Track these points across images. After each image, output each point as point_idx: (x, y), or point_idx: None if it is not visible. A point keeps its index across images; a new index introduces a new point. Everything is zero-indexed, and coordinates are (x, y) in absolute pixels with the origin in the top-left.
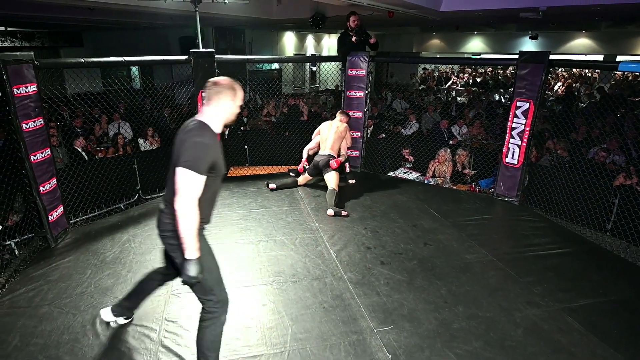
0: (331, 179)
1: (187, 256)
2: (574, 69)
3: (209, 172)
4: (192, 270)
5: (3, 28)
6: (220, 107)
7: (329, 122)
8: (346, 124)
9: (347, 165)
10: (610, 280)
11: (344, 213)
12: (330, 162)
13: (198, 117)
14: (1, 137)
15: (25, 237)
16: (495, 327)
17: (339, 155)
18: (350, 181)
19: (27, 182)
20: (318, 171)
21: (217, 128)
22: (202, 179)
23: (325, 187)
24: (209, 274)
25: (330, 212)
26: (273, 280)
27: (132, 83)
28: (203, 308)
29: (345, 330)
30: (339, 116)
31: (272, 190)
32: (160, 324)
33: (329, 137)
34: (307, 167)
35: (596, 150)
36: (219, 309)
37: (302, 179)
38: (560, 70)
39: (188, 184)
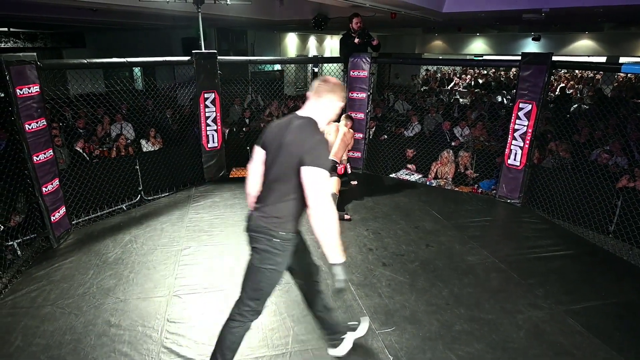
0: (332, 184)
1: (332, 261)
2: (576, 71)
3: None
4: (341, 274)
5: (6, 29)
6: (329, 105)
7: (334, 124)
8: (352, 130)
9: (348, 166)
10: (613, 283)
11: (346, 217)
12: (338, 167)
13: (303, 113)
14: (4, 138)
15: (28, 237)
16: (497, 329)
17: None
18: (352, 182)
19: (30, 183)
20: None
21: (323, 125)
22: (327, 176)
23: None
24: (269, 285)
25: None
26: None
27: (134, 84)
28: (238, 308)
29: None
30: (344, 121)
31: None
32: (162, 325)
33: (335, 143)
34: None
35: (599, 152)
36: (252, 316)
37: None
38: (563, 71)
39: (322, 183)
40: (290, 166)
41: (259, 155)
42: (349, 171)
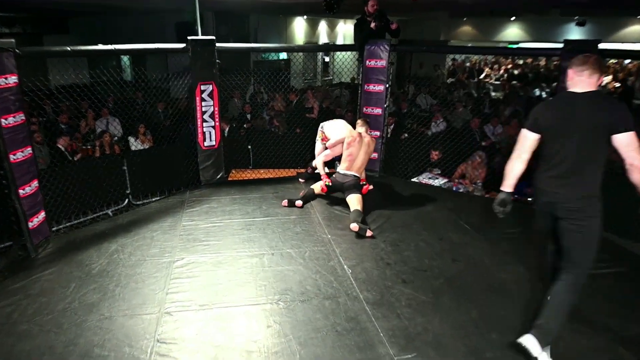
0: (356, 201)
1: None
2: (626, 60)
3: None
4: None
5: None
6: (598, 80)
7: (356, 133)
8: (374, 140)
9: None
10: None
11: (368, 234)
12: (363, 187)
13: (581, 89)
14: None
15: (3, 245)
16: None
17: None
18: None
19: (6, 184)
20: (337, 191)
21: None
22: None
23: (339, 198)
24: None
25: (355, 226)
26: (279, 298)
27: (122, 74)
28: (570, 275)
29: (361, 358)
30: (364, 127)
31: (299, 207)
32: (151, 346)
33: (359, 157)
34: (330, 184)
35: None
36: (586, 278)
37: (319, 188)
38: (611, 61)
39: (637, 142)
40: (599, 138)
41: (529, 140)
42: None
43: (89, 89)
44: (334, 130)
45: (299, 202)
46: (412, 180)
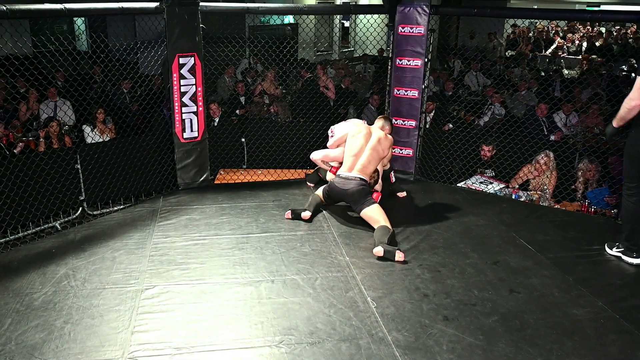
0: (377, 214)
1: None
2: None
3: None
4: None
5: None
6: None
7: (362, 123)
8: (390, 137)
9: (391, 174)
10: None
11: (399, 257)
12: (374, 195)
13: None
14: None
15: None
16: None
17: (370, 180)
18: (399, 194)
19: None
20: (339, 201)
21: None
22: None
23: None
24: None
25: (379, 250)
26: (281, 340)
27: (75, 43)
28: None
29: None
30: (380, 123)
31: (307, 220)
32: None
33: (364, 151)
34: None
35: None
36: None
37: (322, 193)
38: None
39: None
40: None
41: None
42: (393, 179)
43: (32, 62)
44: (342, 129)
45: (306, 214)
46: (458, 185)
